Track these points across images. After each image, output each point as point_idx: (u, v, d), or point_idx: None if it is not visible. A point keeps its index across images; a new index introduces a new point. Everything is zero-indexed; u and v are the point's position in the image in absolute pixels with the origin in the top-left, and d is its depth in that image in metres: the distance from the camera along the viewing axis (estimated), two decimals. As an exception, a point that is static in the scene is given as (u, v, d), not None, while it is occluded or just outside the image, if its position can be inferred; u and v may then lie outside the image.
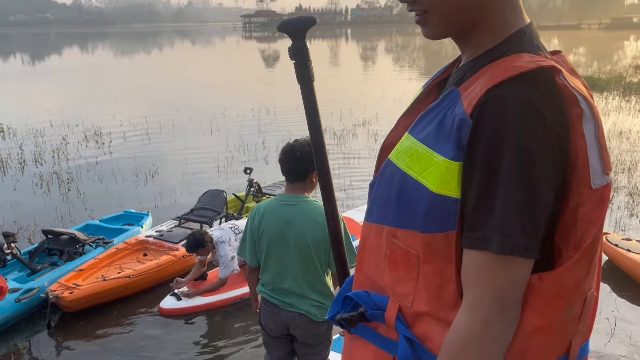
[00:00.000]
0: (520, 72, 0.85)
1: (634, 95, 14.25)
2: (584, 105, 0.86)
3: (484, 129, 0.85)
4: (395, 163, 1.00)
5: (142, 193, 7.34)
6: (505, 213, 0.84)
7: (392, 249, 1.01)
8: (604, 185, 0.90)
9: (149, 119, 12.51)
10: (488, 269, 0.86)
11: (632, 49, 36.66)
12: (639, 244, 4.79)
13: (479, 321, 0.87)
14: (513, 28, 0.96)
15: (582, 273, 0.91)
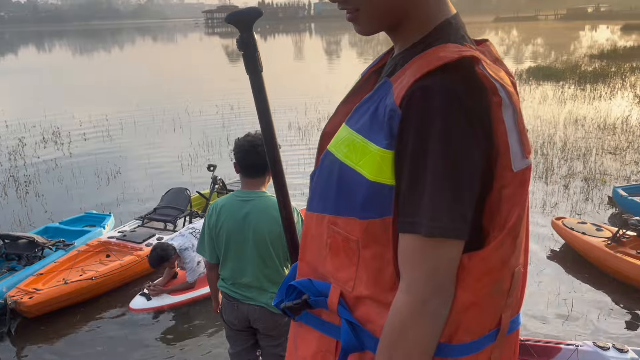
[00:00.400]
0: (443, 63, 0.88)
1: (588, 83, 14.70)
2: (502, 93, 0.91)
3: (411, 119, 0.89)
4: (334, 153, 1.03)
5: (104, 193, 7.20)
6: (433, 198, 0.88)
7: (333, 237, 1.04)
8: (525, 168, 0.96)
9: (109, 117, 12.27)
10: (420, 251, 0.90)
11: (587, 39, 37.72)
12: (594, 226, 4.97)
13: (416, 301, 0.91)
14: (439, 19, 1.00)
15: (508, 251, 0.97)
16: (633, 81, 15.07)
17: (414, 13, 0.99)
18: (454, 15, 1.02)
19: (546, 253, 5.03)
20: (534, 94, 13.49)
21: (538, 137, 9.07)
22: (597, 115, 10.65)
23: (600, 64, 19.14)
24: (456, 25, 1.00)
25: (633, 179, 6.85)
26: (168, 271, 4.57)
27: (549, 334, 3.77)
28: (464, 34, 1.00)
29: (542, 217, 5.82)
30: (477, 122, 0.88)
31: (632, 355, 2.97)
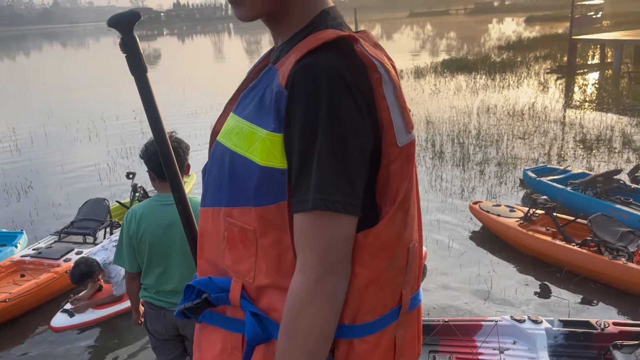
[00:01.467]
0: (322, 42, 0.91)
1: (497, 73, 15.50)
2: (381, 70, 0.94)
3: (296, 98, 0.90)
4: (224, 143, 1.03)
5: (15, 210, 6.78)
6: (320, 173, 0.89)
7: (229, 229, 1.03)
8: (409, 143, 0.99)
9: (17, 130, 11.56)
10: (310, 229, 0.91)
11: (495, 31, 39.70)
12: (507, 208, 5.26)
13: (311, 280, 0.91)
14: (317, 10, 1.03)
15: (400, 226, 0.99)
16: (537, 70, 16.05)
17: (294, 5, 1.02)
18: (332, 7, 1.06)
19: (466, 236, 5.27)
20: (449, 86, 14.05)
21: (454, 126, 9.47)
22: (506, 103, 11.25)
23: (507, 54, 20.23)
24: (333, 15, 1.04)
25: (540, 161, 7.31)
26: (92, 285, 4.38)
27: (472, 312, 3.96)
28: (342, 23, 1.04)
29: (460, 202, 6.08)
30: (361, 98, 0.91)
31: (545, 325, 3.18)
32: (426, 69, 17.19)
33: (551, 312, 3.90)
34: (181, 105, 13.17)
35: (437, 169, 7.31)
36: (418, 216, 1.10)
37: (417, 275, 1.10)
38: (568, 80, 14.09)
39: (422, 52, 25.70)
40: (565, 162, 7.18)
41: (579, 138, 8.27)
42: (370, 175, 0.95)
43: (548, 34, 26.80)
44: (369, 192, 0.96)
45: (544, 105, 10.85)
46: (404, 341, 1.07)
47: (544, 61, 17.71)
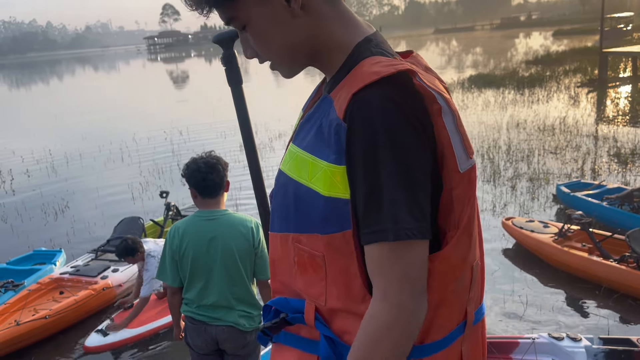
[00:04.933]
0: (380, 77, 0.92)
1: (526, 88, 15.35)
2: (441, 101, 0.95)
3: (357, 130, 0.92)
4: (287, 173, 1.06)
5: (53, 229, 6.97)
6: (392, 203, 0.91)
7: (299, 254, 1.06)
8: (470, 168, 1.01)
9: (53, 151, 11.91)
10: (389, 257, 0.92)
11: (522, 46, 39.41)
12: (541, 224, 5.18)
13: (393, 306, 0.92)
14: (355, 39, 1.04)
15: (465, 248, 1.02)
16: (567, 83, 15.85)
17: (323, 46, 1.05)
18: (374, 33, 1.07)
19: (499, 253, 5.20)
20: (477, 101, 13.97)
21: (483, 142, 9.39)
22: (536, 117, 11.13)
23: (536, 69, 20.04)
24: (377, 42, 1.05)
25: (574, 175, 7.19)
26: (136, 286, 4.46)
27: (508, 330, 3.90)
28: (387, 49, 1.05)
29: (493, 219, 6.01)
30: (420, 127, 0.93)
31: (585, 343, 3.11)
32: (453, 85, 17.13)
33: (590, 330, 3.81)
34: (211, 126, 13.38)
35: (468, 185, 7.24)
36: (479, 235, 1.12)
37: (479, 291, 1.12)
38: (600, 94, 13.87)
39: (448, 68, 25.63)
40: (600, 177, 7.05)
41: (613, 152, 8.11)
42: (433, 201, 0.97)
43: (577, 48, 26.46)
44: (432, 216, 0.98)
45: (576, 119, 10.69)
46: (471, 353, 1.10)
47: (574, 75, 17.47)
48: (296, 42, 1.03)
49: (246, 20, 1.02)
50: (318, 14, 1.03)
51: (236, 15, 1.02)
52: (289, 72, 1.10)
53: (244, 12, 1.01)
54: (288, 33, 1.02)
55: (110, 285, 4.74)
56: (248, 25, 1.03)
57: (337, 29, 1.05)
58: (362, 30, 1.06)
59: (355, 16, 1.09)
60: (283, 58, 1.07)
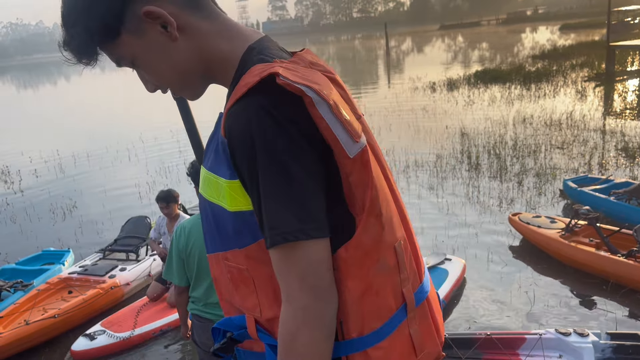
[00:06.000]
0: (247, 88, 0.93)
1: (533, 83, 15.27)
2: (310, 93, 0.93)
3: (233, 144, 0.95)
4: (203, 195, 1.09)
5: (61, 230, 7.02)
6: (270, 209, 0.93)
7: (230, 271, 1.08)
8: (360, 151, 0.98)
9: (61, 152, 11.99)
10: (283, 262, 0.94)
11: (529, 41, 39.20)
12: (548, 219, 5.16)
13: (297, 309, 0.94)
14: (240, 51, 1.05)
15: (376, 230, 1.00)
16: (574, 78, 15.75)
17: (212, 63, 1.06)
18: (259, 40, 1.08)
19: (506, 248, 5.19)
20: (483, 97, 13.92)
21: (490, 137, 9.36)
22: (543, 113, 11.07)
23: (542, 63, 19.93)
24: (259, 49, 1.05)
25: (581, 170, 7.15)
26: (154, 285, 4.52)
27: (515, 325, 3.89)
28: (272, 52, 1.05)
29: (499, 214, 6.00)
30: (295, 128, 0.93)
31: (592, 338, 3.10)
32: (459, 81, 17.08)
33: (597, 325, 3.79)
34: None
35: (474, 180, 7.23)
36: (401, 213, 1.11)
37: (415, 270, 1.11)
38: (607, 88, 13.78)
39: (455, 64, 25.54)
40: (607, 172, 7.01)
41: (621, 146, 8.06)
42: (337, 192, 0.98)
43: (584, 42, 26.29)
44: (341, 206, 0.99)
45: (583, 113, 10.63)
46: (421, 335, 1.09)
47: (581, 69, 17.36)
48: (184, 65, 1.04)
49: (132, 57, 1.04)
50: (198, 32, 1.04)
51: (121, 54, 1.03)
52: (192, 95, 1.11)
53: (126, 49, 1.02)
54: (173, 58, 1.03)
55: (118, 284, 4.78)
56: (135, 61, 1.04)
57: (222, 44, 1.05)
58: (247, 40, 1.07)
59: (239, 26, 1.09)
60: (178, 83, 1.07)
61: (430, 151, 8.96)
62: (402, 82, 19.59)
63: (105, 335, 4.09)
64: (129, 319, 4.32)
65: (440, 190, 7.06)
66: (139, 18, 0.99)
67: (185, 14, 1.02)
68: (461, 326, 3.96)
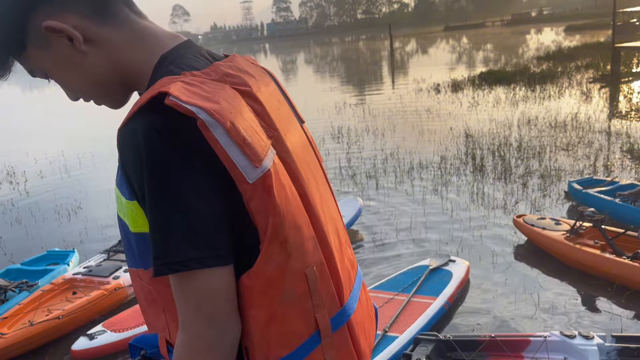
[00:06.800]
0: (138, 107, 0.89)
1: (538, 84, 15.23)
2: (202, 114, 0.87)
3: (124, 168, 0.92)
4: (117, 210, 1.05)
5: (66, 230, 7.04)
6: (157, 238, 0.88)
7: (143, 289, 1.05)
8: (262, 176, 0.92)
9: (65, 152, 12.04)
10: (178, 289, 0.90)
11: (533, 42, 39.07)
12: (552, 221, 5.14)
13: (191, 337, 0.90)
14: (153, 61, 1.00)
15: (280, 259, 0.94)
16: (579, 79, 15.69)
17: (126, 72, 1.02)
18: (174, 49, 1.02)
19: (510, 250, 5.17)
20: (488, 98, 13.89)
21: (494, 139, 9.34)
22: (548, 114, 11.04)
23: (547, 65, 19.86)
24: (172, 58, 1.00)
25: (586, 172, 7.12)
26: None
27: (520, 328, 3.88)
28: (183, 63, 0.99)
29: (503, 216, 5.98)
30: (187, 150, 0.88)
31: (597, 341, 3.09)
32: (464, 82, 17.05)
33: (602, 328, 3.77)
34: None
35: (479, 182, 7.22)
36: (321, 235, 1.04)
37: (333, 295, 1.04)
38: (612, 89, 13.72)
39: (459, 65, 25.50)
40: (613, 173, 6.98)
41: (626, 148, 8.03)
42: (243, 216, 0.92)
43: (589, 43, 26.19)
44: (249, 232, 0.93)
45: (588, 115, 10.59)
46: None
47: (586, 70, 17.29)
48: (97, 77, 1.00)
49: (42, 69, 1.01)
50: (108, 43, 0.99)
51: (32, 66, 1.01)
52: (113, 105, 1.07)
53: (35, 61, 0.99)
54: (84, 71, 0.99)
55: (122, 285, 4.79)
56: (48, 72, 1.01)
57: (135, 53, 1.01)
58: (161, 48, 1.01)
59: (156, 32, 1.04)
60: (94, 94, 1.04)
61: (435, 152, 8.95)
62: (407, 84, 19.57)
63: (105, 335, 4.10)
64: (130, 319, 4.33)
65: (444, 191, 7.05)
66: (42, 32, 0.95)
67: (93, 25, 0.97)
68: (465, 328, 3.95)
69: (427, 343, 3.25)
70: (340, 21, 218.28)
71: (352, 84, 22.52)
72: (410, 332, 3.61)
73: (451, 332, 3.74)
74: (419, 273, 4.51)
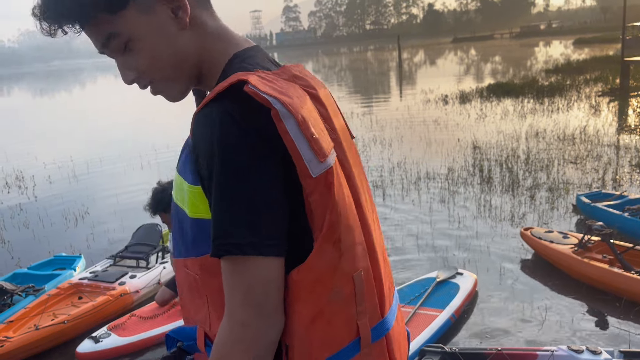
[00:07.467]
0: (216, 93, 0.91)
1: (546, 97, 15.21)
2: (277, 105, 0.90)
3: (197, 149, 0.93)
4: (173, 198, 1.06)
5: (73, 235, 7.07)
6: (221, 218, 0.89)
7: (188, 279, 1.04)
8: (325, 172, 0.93)
9: (74, 158, 12.10)
10: (230, 273, 0.90)
11: (542, 55, 39.08)
12: (560, 234, 5.11)
13: (236, 324, 0.90)
14: (227, 57, 1.03)
15: (332, 257, 0.94)
16: (588, 92, 15.66)
17: (206, 62, 1.04)
18: (245, 49, 1.05)
19: (517, 263, 5.14)
20: (495, 110, 13.87)
21: (502, 151, 9.32)
22: (556, 127, 11.01)
23: (556, 77, 19.84)
24: (242, 57, 1.03)
25: (594, 186, 7.08)
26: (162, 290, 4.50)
27: (527, 341, 3.84)
28: (252, 62, 1.02)
29: (511, 229, 5.95)
30: (260, 139, 0.90)
31: (605, 356, 3.05)
32: (472, 94, 17.05)
33: (610, 343, 3.73)
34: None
35: (486, 194, 7.19)
36: (369, 244, 1.04)
37: (376, 304, 1.04)
38: (621, 103, 13.68)
39: (467, 77, 25.51)
40: (621, 187, 6.94)
41: (635, 162, 7.99)
42: (297, 210, 0.93)
43: (598, 56, 26.15)
44: (301, 226, 0.94)
45: (597, 128, 10.55)
46: None
47: (595, 84, 17.26)
48: (181, 57, 1.01)
49: (130, 35, 0.97)
50: (203, 27, 1.02)
51: (119, 30, 0.96)
52: (174, 93, 1.07)
53: (127, 25, 0.96)
54: (174, 46, 0.99)
55: (128, 291, 4.79)
56: (132, 40, 0.98)
57: (217, 45, 1.04)
58: (236, 47, 1.05)
59: (232, 31, 1.08)
60: (169, 73, 1.03)
61: (442, 164, 8.94)
62: (414, 94, 19.59)
63: (110, 338, 4.10)
64: (136, 323, 4.33)
65: (451, 203, 7.02)
66: None
67: (197, 6, 1.01)
68: (472, 341, 3.92)
69: (432, 355, 3.23)
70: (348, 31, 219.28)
71: (359, 94, 22.57)
72: (416, 344, 3.59)
73: (457, 345, 3.72)
74: (426, 285, 4.49)
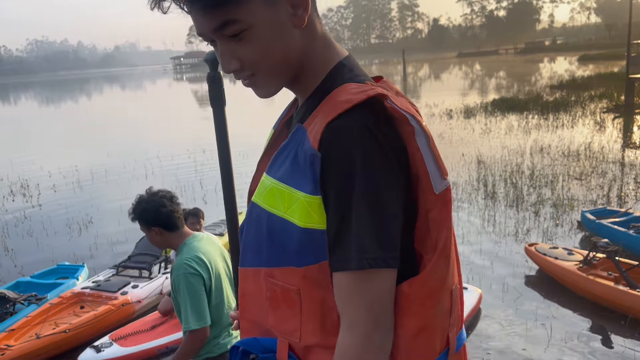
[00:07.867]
0: (353, 105, 0.91)
1: (551, 113, 15.21)
2: (413, 122, 0.93)
3: (331, 160, 0.91)
4: (260, 205, 1.02)
5: (76, 244, 7.08)
6: (361, 232, 0.90)
7: (272, 290, 1.02)
8: (445, 189, 0.98)
9: (79, 167, 12.14)
10: (355, 286, 0.91)
11: (547, 70, 39.15)
12: (565, 251, 5.08)
13: (360, 336, 0.91)
14: (332, 63, 1.04)
15: (443, 271, 0.99)
16: (592, 109, 15.66)
17: (308, 63, 1.03)
18: (347, 57, 1.06)
19: (522, 279, 5.11)
20: (500, 125, 13.88)
21: (506, 166, 9.31)
22: (561, 143, 11.00)
23: (560, 93, 19.86)
24: (350, 66, 1.04)
25: (599, 202, 7.05)
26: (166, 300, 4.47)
27: (532, 358, 3.80)
28: (360, 73, 1.04)
29: (515, 244, 5.92)
30: (393, 154, 0.92)
31: (610, 375, 3.02)
32: (476, 109, 17.07)
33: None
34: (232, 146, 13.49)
35: (490, 209, 7.17)
36: (455, 257, 1.10)
37: (459, 315, 1.10)
38: (626, 120, 13.67)
39: (472, 92, 25.56)
40: (626, 204, 6.91)
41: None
42: (408, 225, 0.96)
43: (603, 73, 26.18)
44: (408, 241, 0.96)
45: (602, 145, 10.53)
46: None
47: (600, 100, 17.26)
48: (290, 54, 1.00)
49: (249, 24, 0.95)
50: (314, 27, 1.02)
51: (239, 17, 0.94)
52: (269, 88, 1.04)
53: (250, 14, 0.94)
54: (286, 41, 0.99)
55: (130, 301, 4.78)
56: (249, 30, 0.95)
57: (323, 49, 1.05)
58: (337, 54, 1.06)
59: (333, 40, 1.08)
60: (273, 69, 1.01)
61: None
62: (419, 108, 19.56)
63: (112, 347, 4.08)
64: (138, 333, 4.31)
65: (455, 218, 7.00)
66: None
67: (312, 6, 1.01)
68: (475, 357, 3.89)
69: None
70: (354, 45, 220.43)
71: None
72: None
73: (460, 361, 3.68)
74: (429, 299, 4.45)
